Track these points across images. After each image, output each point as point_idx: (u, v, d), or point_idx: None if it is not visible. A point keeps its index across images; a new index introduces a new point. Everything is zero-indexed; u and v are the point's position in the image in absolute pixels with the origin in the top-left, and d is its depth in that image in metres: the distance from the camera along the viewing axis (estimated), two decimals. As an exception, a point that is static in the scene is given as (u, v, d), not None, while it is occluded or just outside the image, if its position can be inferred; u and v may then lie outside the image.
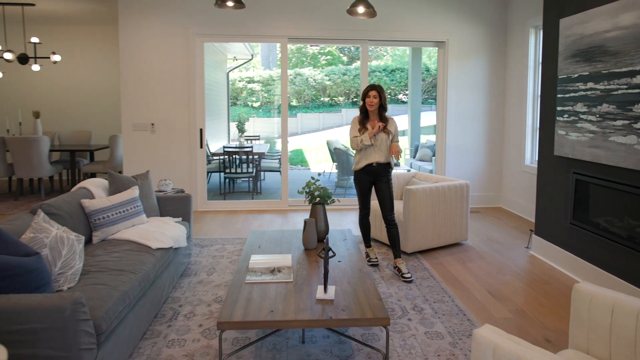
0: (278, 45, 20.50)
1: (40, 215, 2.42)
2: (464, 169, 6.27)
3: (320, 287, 2.53)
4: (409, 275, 3.64)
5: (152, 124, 5.87)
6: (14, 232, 2.33)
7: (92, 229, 3.16)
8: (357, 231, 4.78)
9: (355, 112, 3.71)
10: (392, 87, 22.03)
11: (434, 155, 8.32)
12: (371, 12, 3.00)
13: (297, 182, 7.95)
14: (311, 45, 20.73)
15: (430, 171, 7.57)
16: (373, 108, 3.70)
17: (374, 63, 22.94)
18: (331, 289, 2.55)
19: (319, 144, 16.50)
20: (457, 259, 4.22)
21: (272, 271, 2.81)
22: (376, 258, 4.04)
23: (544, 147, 4.18)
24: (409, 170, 8.20)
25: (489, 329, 1.50)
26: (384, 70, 21.71)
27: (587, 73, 3.47)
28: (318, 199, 3.44)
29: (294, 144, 17.65)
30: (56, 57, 7.13)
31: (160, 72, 5.80)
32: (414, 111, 10.23)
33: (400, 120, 16.31)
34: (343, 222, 5.48)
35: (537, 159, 5.53)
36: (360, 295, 2.52)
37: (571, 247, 3.84)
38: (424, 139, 10.81)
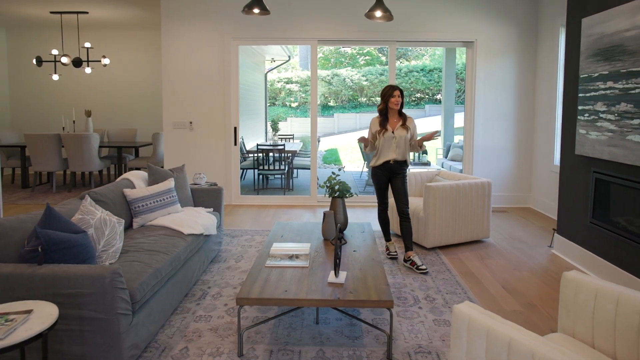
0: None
1: (88, 200, 2.76)
2: (493, 168, 6.29)
3: (333, 272, 2.74)
4: (424, 267, 3.78)
5: (191, 122, 6.26)
6: (66, 214, 2.68)
7: (133, 216, 3.52)
8: (378, 226, 4.94)
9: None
10: (430, 87, 21.86)
11: (465, 155, 8.32)
12: (388, 16, 3.18)
13: (328, 180, 8.16)
14: (343, 47, 20.85)
15: (461, 171, 7.59)
16: (398, 107, 3.85)
17: (412, 63, 22.83)
18: (342, 274, 2.76)
19: (354, 144, 16.66)
20: (476, 255, 4.31)
21: (291, 257, 3.04)
22: (395, 251, 4.19)
23: (565, 146, 4.20)
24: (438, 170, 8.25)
25: (467, 305, 1.66)
26: (421, 70, 21.57)
27: (607, 72, 3.50)
28: (337, 192, 3.66)
29: (329, 143, 17.90)
30: (106, 61, 7.71)
31: (198, 73, 6.19)
32: (447, 111, 10.22)
33: (437, 121, 16.20)
34: (368, 217, 5.65)
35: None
36: (369, 280, 2.71)
37: (591, 246, 3.85)
38: (457, 139, 10.76)
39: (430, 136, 3.75)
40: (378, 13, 3.15)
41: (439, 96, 21.15)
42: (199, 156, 6.32)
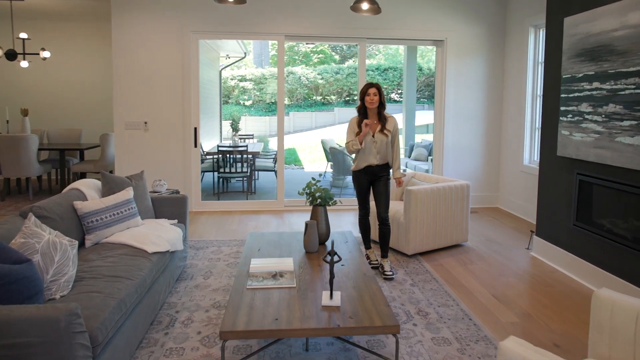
0: (270, 42, 20.26)
1: (32, 219, 2.29)
2: (462, 168, 6.22)
3: (326, 293, 2.44)
4: (390, 273, 3.69)
5: (145, 123, 5.73)
6: (3, 237, 2.21)
7: (85, 232, 3.04)
8: (356, 232, 4.70)
9: (349, 111, 3.65)
10: (385, 86, 22.02)
11: (429, 155, 8.26)
12: (375, 9, 2.92)
13: (292, 182, 7.86)
14: (307, 43, 20.54)
15: (427, 171, 7.51)
16: (373, 106, 3.62)
17: (367, 62, 22.94)
18: (337, 294, 2.46)
19: (312, 143, 16.39)
20: (458, 260, 4.16)
21: (274, 276, 2.71)
22: (377, 260, 3.96)
23: (546, 148, 4.13)
24: (404, 170, 8.13)
25: (514, 341, 1.42)
26: (376, 69, 21.66)
27: (593, 72, 3.42)
28: (319, 200, 3.35)
29: (286, 143, 17.58)
30: (46, 54, 6.95)
31: (154, 69, 5.66)
32: (408, 110, 10.17)
33: (397, 119, 16.34)
34: (341, 222, 5.40)
35: (536, 159, 5.50)
36: (367, 301, 2.43)
37: (574, 249, 3.80)
38: (419, 138, 10.76)
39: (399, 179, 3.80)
40: (365, 5, 2.88)
41: (393, 95, 21.33)
42: (155, 159, 5.79)
